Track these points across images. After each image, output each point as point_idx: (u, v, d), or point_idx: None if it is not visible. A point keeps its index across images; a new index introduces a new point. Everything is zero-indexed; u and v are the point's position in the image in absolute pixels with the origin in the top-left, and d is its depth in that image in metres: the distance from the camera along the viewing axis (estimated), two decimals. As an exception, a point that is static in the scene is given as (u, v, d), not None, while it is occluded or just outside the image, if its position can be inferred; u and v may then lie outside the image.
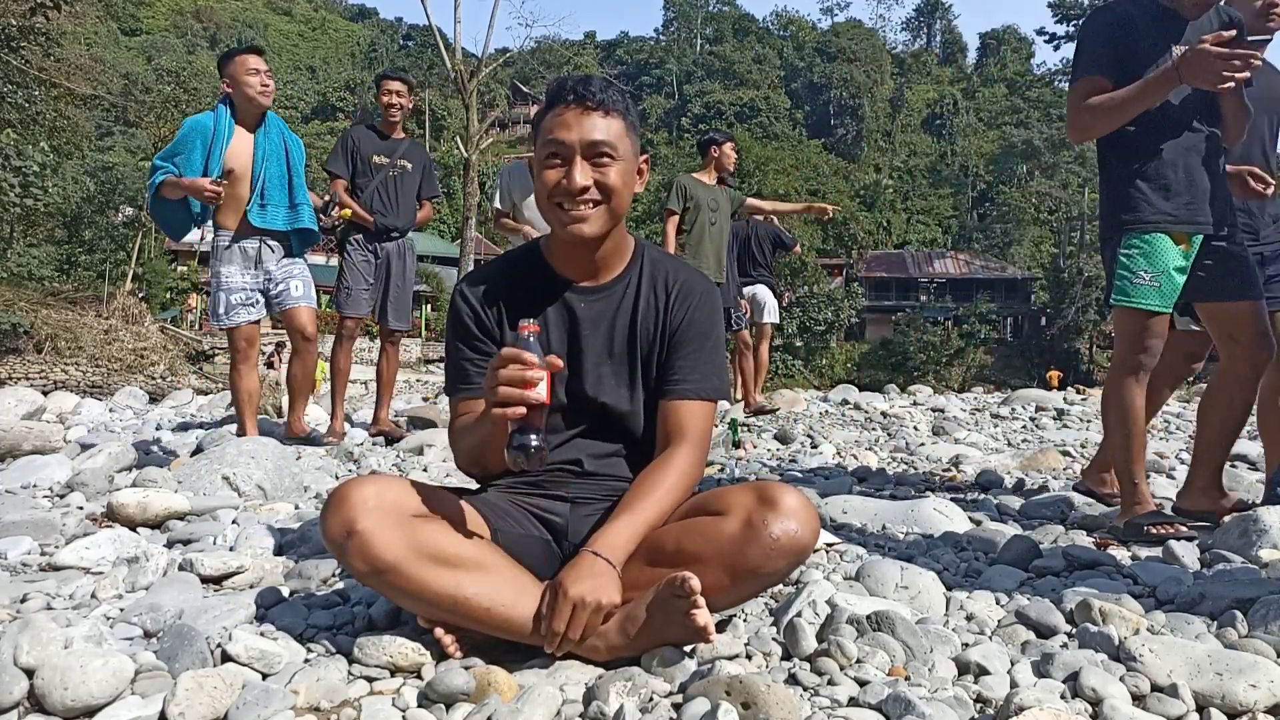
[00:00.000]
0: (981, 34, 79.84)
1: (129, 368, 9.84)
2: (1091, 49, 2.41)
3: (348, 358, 4.47)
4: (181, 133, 3.66)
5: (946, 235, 56.62)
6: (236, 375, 3.80)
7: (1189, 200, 2.34)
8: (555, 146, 1.46)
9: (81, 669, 1.19)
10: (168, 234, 3.94)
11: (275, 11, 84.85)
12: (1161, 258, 2.33)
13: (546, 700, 1.19)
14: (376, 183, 4.48)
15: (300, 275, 3.84)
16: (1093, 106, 2.36)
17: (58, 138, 17.78)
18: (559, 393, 1.56)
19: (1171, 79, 2.19)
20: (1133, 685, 1.26)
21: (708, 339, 1.59)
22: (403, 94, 4.58)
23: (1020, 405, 6.89)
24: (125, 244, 25.67)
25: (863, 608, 1.53)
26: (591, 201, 1.47)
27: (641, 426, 1.59)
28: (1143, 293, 2.34)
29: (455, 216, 40.32)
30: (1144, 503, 2.40)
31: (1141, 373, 2.40)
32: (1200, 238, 2.37)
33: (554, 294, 1.58)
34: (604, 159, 1.46)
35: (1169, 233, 2.34)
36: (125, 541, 2.08)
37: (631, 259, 1.62)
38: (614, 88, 1.50)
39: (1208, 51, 2.09)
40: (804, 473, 3.71)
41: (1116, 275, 2.40)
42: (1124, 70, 2.33)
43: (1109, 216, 2.46)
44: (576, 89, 1.46)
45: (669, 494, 1.46)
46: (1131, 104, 2.29)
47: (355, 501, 1.34)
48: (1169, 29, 2.35)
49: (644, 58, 79.99)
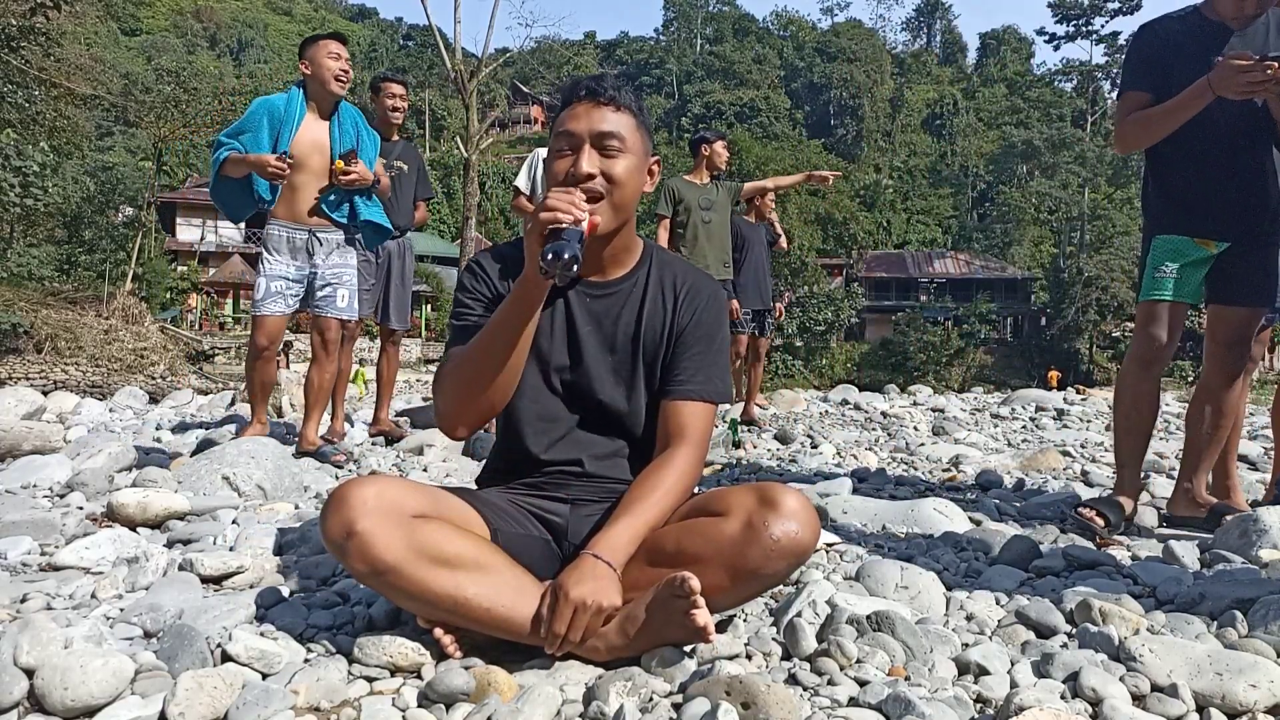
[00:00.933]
0: (981, 34, 79.90)
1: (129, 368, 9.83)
2: (1133, 65, 2.49)
3: (348, 359, 4.45)
4: (249, 110, 3.57)
5: (946, 235, 56.60)
6: (253, 367, 3.71)
7: (1208, 214, 2.41)
8: (565, 139, 1.49)
9: (81, 669, 1.19)
10: (228, 216, 3.75)
11: (275, 11, 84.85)
12: (1183, 253, 2.43)
13: (546, 700, 1.19)
14: None
15: (348, 284, 3.73)
16: (1134, 121, 2.43)
17: (58, 138, 17.77)
18: (555, 383, 1.57)
19: (1205, 92, 2.23)
20: (1133, 685, 1.26)
21: (713, 341, 1.59)
22: (404, 97, 4.59)
23: (1020, 405, 6.89)
24: (125, 244, 25.67)
25: (863, 608, 1.53)
26: (599, 191, 1.47)
27: (641, 427, 1.59)
28: (1158, 285, 2.45)
29: (455, 216, 40.32)
30: (1121, 488, 2.52)
31: (1146, 359, 2.48)
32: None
33: (561, 287, 1.58)
34: (612, 149, 1.48)
35: (1190, 236, 2.43)
36: (125, 541, 2.08)
37: (640, 259, 1.63)
38: (628, 86, 1.53)
39: (1229, 65, 2.14)
40: (804, 473, 3.71)
41: (1143, 275, 2.51)
42: (1167, 84, 2.38)
43: (1144, 227, 2.58)
44: (589, 85, 1.50)
45: (669, 495, 1.46)
46: (1169, 118, 2.35)
47: (355, 502, 1.33)
48: (1213, 41, 2.37)
49: (644, 58, 79.99)
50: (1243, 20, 2.37)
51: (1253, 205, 2.40)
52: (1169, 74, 2.38)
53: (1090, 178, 43.38)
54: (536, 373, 1.56)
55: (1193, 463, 2.60)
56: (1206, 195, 2.40)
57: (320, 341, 3.75)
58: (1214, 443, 2.57)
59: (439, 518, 1.41)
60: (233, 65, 60.51)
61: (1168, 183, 2.47)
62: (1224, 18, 2.39)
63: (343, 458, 3.71)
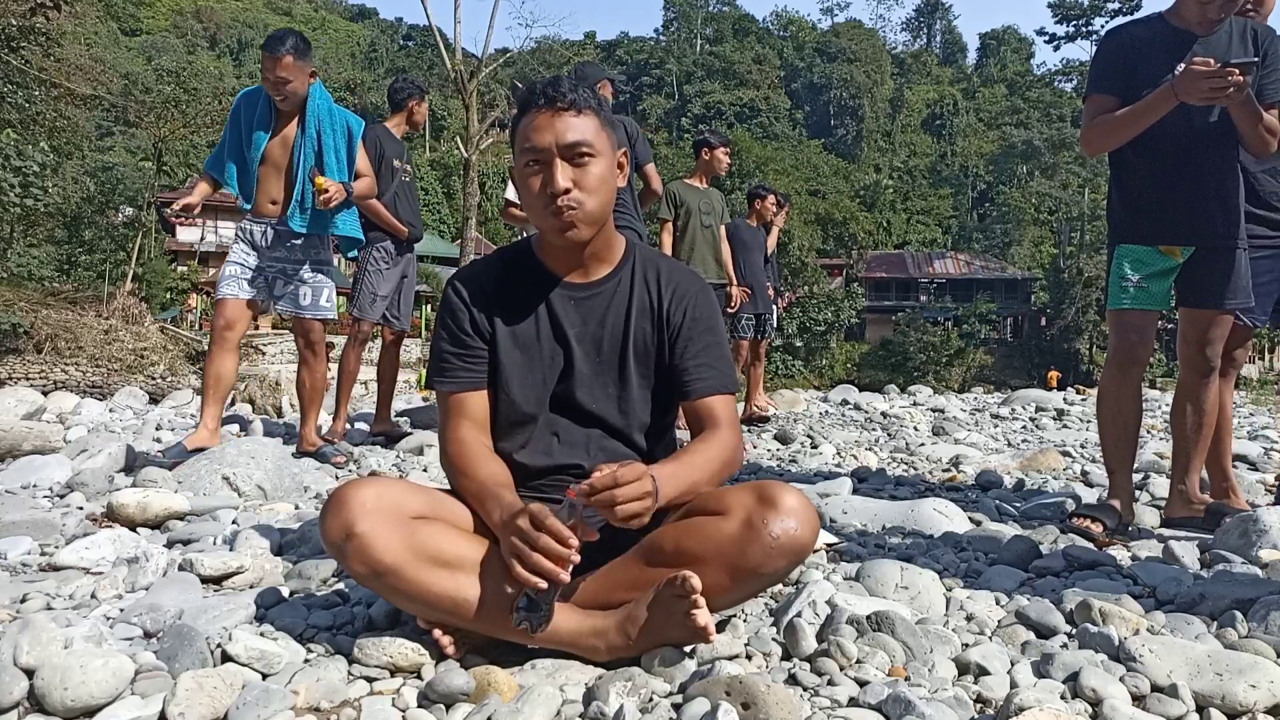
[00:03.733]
0: (981, 34, 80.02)
1: (129, 368, 9.82)
2: (1100, 68, 2.52)
3: (358, 360, 4.45)
4: (233, 105, 3.74)
5: (946, 235, 56.65)
6: (209, 355, 3.64)
7: (1172, 219, 2.44)
8: (533, 153, 1.46)
9: (81, 669, 1.19)
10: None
11: (275, 11, 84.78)
12: (1147, 263, 2.47)
13: (546, 700, 1.19)
14: (395, 188, 4.44)
15: (312, 283, 3.69)
16: (1099, 124, 2.46)
17: (58, 138, 17.76)
18: (548, 391, 1.57)
19: (1169, 97, 2.27)
20: (1133, 685, 1.26)
21: (712, 334, 1.59)
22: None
23: (1020, 405, 6.89)
24: (125, 244, 25.66)
25: (863, 608, 1.53)
26: (576, 202, 1.46)
27: (637, 425, 1.58)
28: (1124, 294, 2.50)
29: (455, 217, 40.30)
30: (1114, 493, 2.55)
31: (1123, 364, 2.53)
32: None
33: (545, 291, 1.58)
34: (583, 158, 1.46)
35: (1151, 246, 2.47)
36: (125, 541, 2.08)
37: (623, 257, 1.62)
38: (582, 85, 1.49)
39: (1192, 71, 2.17)
40: (804, 473, 3.71)
41: (1109, 283, 2.56)
42: (1131, 89, 2.41)
43: (1109, 235, 2.62)
44: (546, 92, 1.46)
45: (714, 461, 1.47)
46: (1134, 122, 2.38)
47: (354, 504, 1.33)
48: (1178, 47, 2.39)
49: (644, 58, 79.96)
50: (1206, 26, 2.40)
51: (1215, 209, 2.43)
52: (1134, 78, 2.41)
53: (1090, 178, 43.33)
54: (530, 384, 1.56)
55: (1183, 464, 2.64)
56: (1169, 200, 2.43)
57: (305, 343, 3.75)
58: (1199, 442, 2.60)
59: (438, 519, 1.41)
60: (233, 65, 60.45)
61: (1131, 189, 2.51)
62: (1188, 24, 2.42)
63: (343, 459, 3.70)
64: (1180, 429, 2.61)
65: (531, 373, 1.56)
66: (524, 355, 1.55)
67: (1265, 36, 2.42)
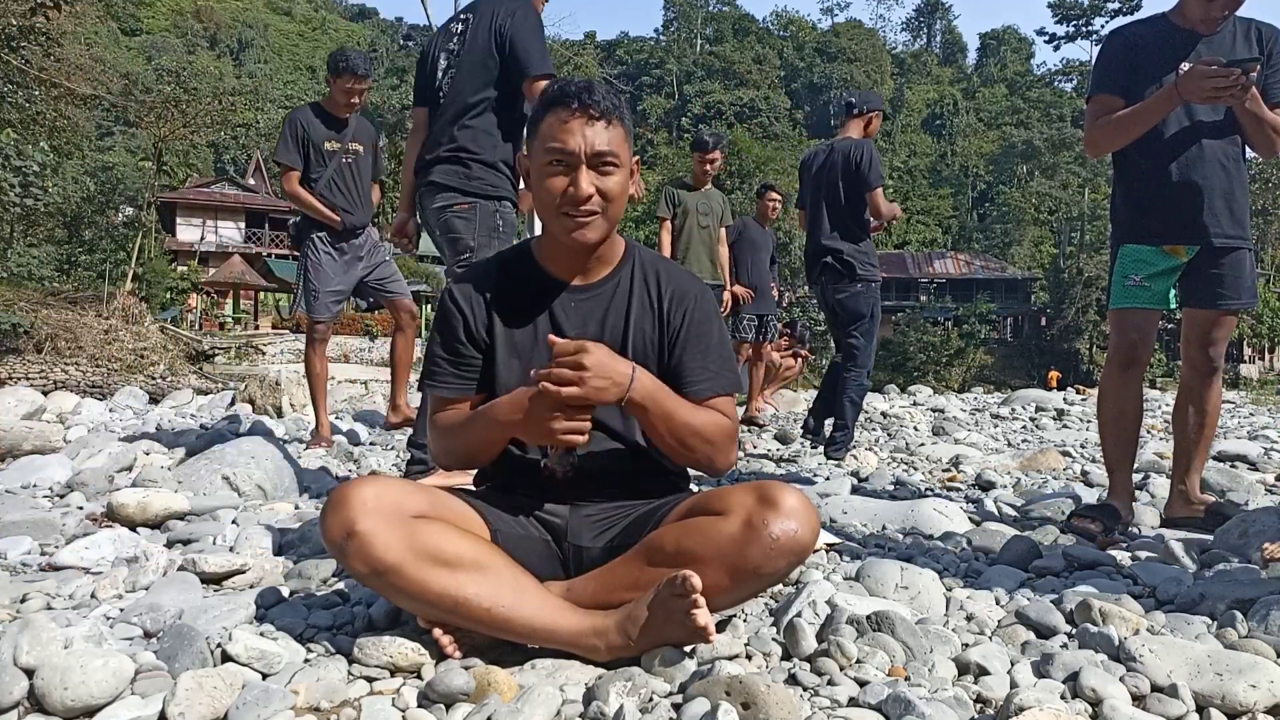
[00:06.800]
0: (981, 34, 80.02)
1: (129, 368, 9.80)
2: (1103, 68, 2.52)
3: (322, 361, 4.23)
4: None
5: (946, 235, 56.67)
6: None
7: (1176, 218, 2.43)
8: (560, 154, 1.46)
9: (81, 669, 1.19)
10: None
11: (275, 11, 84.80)
12: (1150, 263, 2.47)
13: (546, 700, 1.19)
14: (331, 173, 4.09)
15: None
16: (1103, 125, 2.46)
17: (58, 138, 17.73)
18: None
19: (1172, 97, 2.27)
20: (1133, 685, 1.26)
21: (712, 336, 1.59)
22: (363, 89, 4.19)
23: (1020, 405, 6.90)
24: (125, 244, 25.63)
25: (863, 608, 1.53)
26: (596, 209, 1.47)
27: (635, 430, 1.58)
28: (1126, 294, 2.50)
29: (455, 216, 40.21)
30: (1114, 493, 2.56)
31: (1123, 363, 2.53)
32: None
33: (545, 294, 1.58)
34: (608, 167, 1.47)
35: (1154, 245, 2.47)
36: (125, 541, 2.08)
37: (623, 258, 1.62)
38: (613, 93, 1.50)
39: (1196, 70, 2.18)
40: (804, 473, 3.71)
41: (1111, 282, 2.56)
42: (1135, 89, 2.41)
43: (1112, 234, 2.62)
44: (581, 96, 1.45)
45: (702, 418, 1.50)
46: (1137, 122, 2.38)
47: (355, 503, 1.33)
48: (1181, 47, 2.40)
49: (644, 58, 79.95)
50: (1209, 25, 2.40)
51: (1220, 209, 2.43)
52: (1138, 78, 2.41)
53: (1090, 178, 43.35)
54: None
55: (1184, 464, 2.64)
56: (1174, 200, 2.43)
57: None
58: (1202, 442, 2.61)
59: (439, 518, 1.41)
60: (233, 65, 60.50)
61: (1135, 188, 2.50)
62: (1191, 23, 2.42)
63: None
64: (1182, 429, 2.61)
65: (529, 378, 1.56)
66: (522, 362, 1.56)
67: (1269, 35, 2.42)
